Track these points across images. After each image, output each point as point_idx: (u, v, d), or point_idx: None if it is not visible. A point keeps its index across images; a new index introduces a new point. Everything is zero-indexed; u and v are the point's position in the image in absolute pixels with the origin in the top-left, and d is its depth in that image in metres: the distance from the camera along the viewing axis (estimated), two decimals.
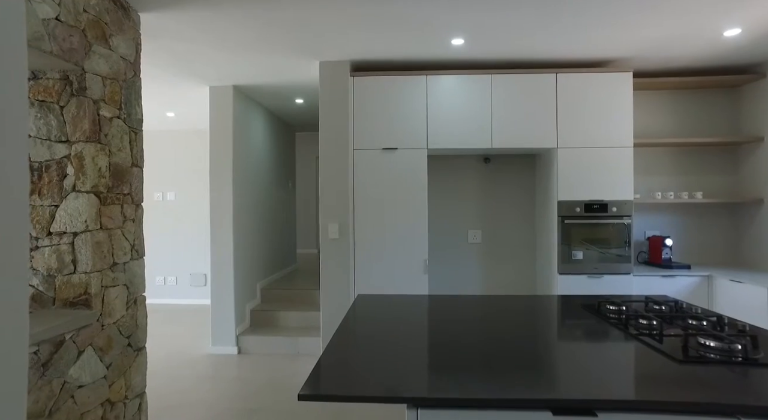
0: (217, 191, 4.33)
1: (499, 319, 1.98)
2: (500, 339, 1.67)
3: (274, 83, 4.23)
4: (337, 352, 1.56)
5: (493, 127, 3.52)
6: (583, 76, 3.45)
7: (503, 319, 1.98)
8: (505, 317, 2.00)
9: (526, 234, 4.08)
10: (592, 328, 1.80)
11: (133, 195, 2.52)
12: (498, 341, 1.64)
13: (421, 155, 3.55)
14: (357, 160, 3.58)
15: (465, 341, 1.65)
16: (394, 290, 3.55)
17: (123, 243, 2.42)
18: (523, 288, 4.07)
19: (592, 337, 1.68)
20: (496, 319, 1.97)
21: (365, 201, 3.58)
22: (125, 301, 2.42)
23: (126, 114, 2.44)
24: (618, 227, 3.43)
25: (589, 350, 1.54)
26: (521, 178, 4.09)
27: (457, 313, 2.09)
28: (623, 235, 3.42)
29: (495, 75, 3.51)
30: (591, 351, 1.53)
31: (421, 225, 3.55)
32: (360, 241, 3.58)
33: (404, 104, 3.55)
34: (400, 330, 1.82)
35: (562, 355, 1.48)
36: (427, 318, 2.02)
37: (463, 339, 1.68)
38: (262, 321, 4.65)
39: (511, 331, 1.78)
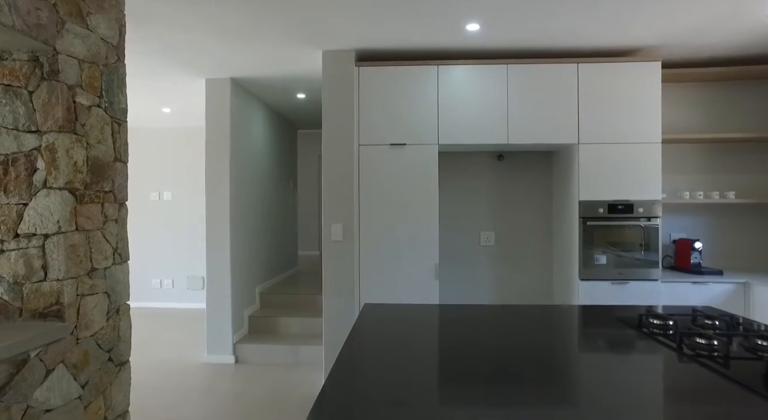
0: (214, 190, 4.08)
1: (522, 334, 1.72)
2: (527, 359, 1.41)
3: (274, 75, 3.98)
4: (342, 374, 1.31)
5: (510, 121, 3.27)
6: (607, 66, 3.19)
7: (528, 334, 1.72)
8: (531, 332, 1.75)
9: (543, 236, 3.82)
10: (638, 348, 1.54)
11: (115, 193, 2.28)
12: (525, 362, 1.39)
13: (431, 151, 3.30)
14: (362, 157, 3.33)
15: (484, 362, 1.39)
16: (402, 297, 3.30)
17: (103, 246, 2.17)
18: (540, 294, 3.81)
19: (640, 360, 1.42)
20: (520, 335, 1.71)
21: (371, 201, 3.33)
22: (105, 310, 2.17)
23: (107, 102, 2.19)
24: (645, 230, 3.17)
25: (638, 376, 1.28)
26: (537, 177, 3.83)
27: (473, 327, 1.83)
28: (650, 238, 3.16)
29: (512, 65, 3.26)
30: (641, 377, 1.27)
31: (431, 227, 3.30)
32: (365, 244, 3.33)
33: (413, 96, 3.30)
34: (412, 348, 1.56)
35: (605, 382, 1.23)
36: (441, 334, 1.76)
37: (482, 359, 1.42)
38: (261, 328, 4.40)
39: (540, 350, 1.53)
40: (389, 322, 1.96)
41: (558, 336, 1.71)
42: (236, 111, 4.23)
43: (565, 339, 1.68)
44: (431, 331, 1.80)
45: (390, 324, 1.92)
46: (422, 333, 1.77)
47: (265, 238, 5.11)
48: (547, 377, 1.29)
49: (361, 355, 1.50)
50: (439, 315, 2.08)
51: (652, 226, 3.16)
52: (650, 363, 1.40)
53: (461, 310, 2.18)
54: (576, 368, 1.36)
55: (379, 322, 1.95)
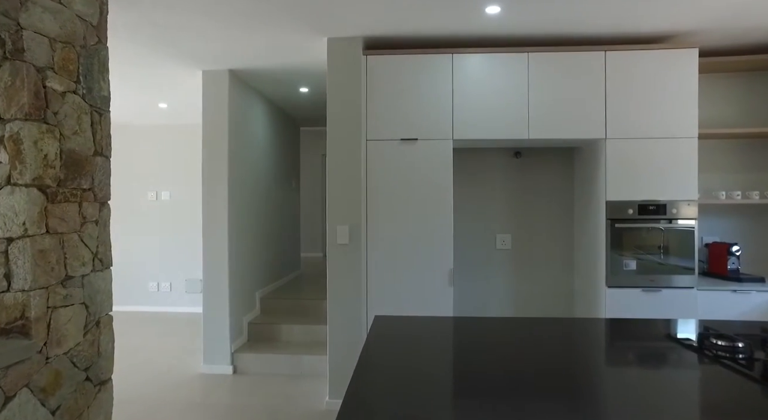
0: (211, 190, 3.84)
1: (559, 356, 1.46)
2: (567, 389, 1.15)
3: (276, 67, 3.73)
4: (357, 401, 1.05)
5: (531, 114, 3.00)
6: (638, 54, 2.93)
7: (566, 355, 1.46)
8: (569, 353, 1.49)
9: (563, 239, 3.56)
10: (709, 377, 1.28)
11: (96, 191, 2.03)
12: (565, 392, 1.13)
13: (445, 147, 3.04)
14: (371, 153, 3.08)
15: (514, 392, 1.13)
16: (413, 305, 3.04)
17: (81, 251, 1.92)
18: (561, 301, 3.54)
19: (716, 392, 1.16)
20: (556, 356, 1.45)
21: (380, 200, 3.07)
22: (83, 324, 1.92)
23: (85, 89, 1.95)
24: (679, 233, 2.90)
25: (720, 417, 1.02)
26: (557, 175, 3.57)
27: (497, 345, 1.57)
28: (685, 241, 2.89)
29: (533, 53, 3.00)
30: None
31: (445, 229, 3.04)
32: (373, 247, 3.07)
33: (426, 87, 3.04)
34: (431, 369, 1.31)
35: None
36: (461, 353, 1.50)
37: (511, 388, 1.16)
38: (262, 335, 4.15)
39: (581, 375, 1.27)
40: (403, 338, 1.70)
41: (603, 358, 1.45)
42: (235, 105, 3.99)
43: (614, 362, 1.42)
44: (449, 351, 1.54)
45: (404, 341, 1.66)
46: (440, 353, 1.52)
47: (266, 240, 4.86)
48: (595, 413, 1.03)
49: (374, 382, 1.24)
50: (459, 330, 1.83)
51: (687, 229, 2.89)
52: (728, 396, 1.14)
53: (482, 324, 1.93)
54: (633, 402, 1.10)
55: (392, 340, 1.69)
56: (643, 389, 1.20)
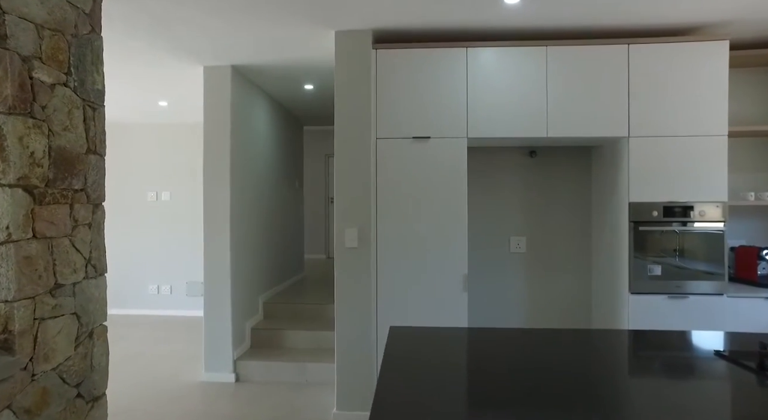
0: (212, 190, 3.69)
1: (596, 374, 1.31)
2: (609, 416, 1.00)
3: (280, 63, 3.58)
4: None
5: (549, 111, 2.85)
6: (663, 48, 2.77)
7: (598, 373, 1.31)
8: (601, 370, 1.33)
9: (580, 242, 3.40)
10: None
11: (89, 191, 1.88)
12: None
13: (459, 146, 2.89)
14: (381, 152, 2.93)
15: (539, 414, 0.98)
16: (425, 311, 2.89)
17: (72, 256, 1.77)
18: (578, 308, 3.38)
19: None
20: (594, 375, 1.29)
21: (390, 202, 2.92)
22: (74, 336, 1.77)
23: (77, 81, 1.80)
24: (707, 236, 2.74)
25: None
26: (574, 175, 3.41)
27: (522, 358, 1.42)
28: (713, 245, 2.74)
29: (552, 47, 2.84)
30: None
31: (459, 232, 2.89)
32: (383, 251, 2.92)
33: (439, 83, 2.89)
34: (454, 382, 1.15)
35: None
36: (484, 364, 1.35)
37: (536, 408, 1.01)
38: (265, 341, 4.00)
39: (624, 402, 1.11)
40: (422, 351, 1.55)
41: (645, 375, 1.30)
42: (238, 103, 3.84)
43: (658, 385, 1.26)
44: (472, 364, 1.39)
45: (423, 353, 1.51)
46: (462, 367, 1.36)
47: (269, 242, 4.71)
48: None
49: (398, 396, 1.09)
50: (479, 342, 1.67)
51: (716, 232, 2.73)
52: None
53: (504, 335, 1.77)
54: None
55: (412, 352, 1.54)
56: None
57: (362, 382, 2.92)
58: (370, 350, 2.92)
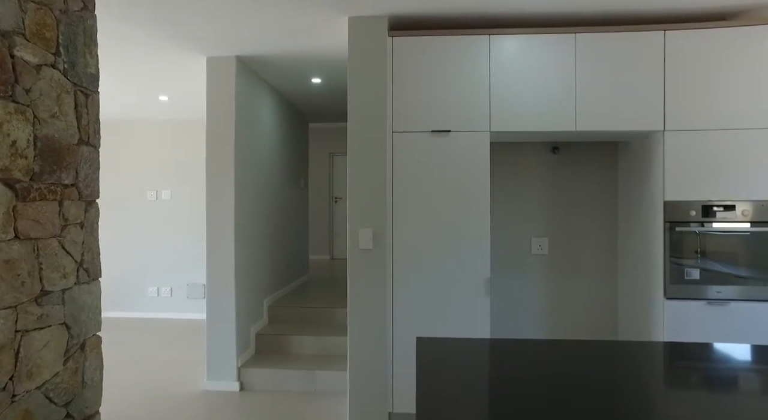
0: (215, 189, 3.49)
1: (639, 390, 1.11)
2: None
3: (288, 53, 3.39)
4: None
5: (578, 103, 2.66)
6: (703, 34, 2.58)
7: (646, 391, 1.11)
8: (650, 388, 1.13)
9: (606, 243, 3.21)
10: None
11: (81, 187, 1.69)
12: None
13: (481, 140, 2.70)
14: (397, 147, 2.73)
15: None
16: (445, 317, 2.70)
17: (61, 260, 1.58)
18: (604, 312, 3.19)
19: None
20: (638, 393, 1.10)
21: (408, 200, 2.73)
22: (63, 349, 1.57)
23: (68, 63, 1.60)
24: (752, 237, 2.54)
25: None
26: (599, 172, 3.22)
27: (565, 373, 1.22)
28: (759, 247, 2.54)
29: (581, 34, 2.65)
30: None
31: (481, 232, 2.70)
32: (400, 253, 2.73)
33: (460, 73, 2.70)
34: (495, 400, 0.96)
35: None
36: (521, 378, 1.15)
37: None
38: (270, 348, 3.80)
39: None
40: (457, 364, 1.35)
41: (685, 391, 1.10)
42: (242, 97, 3.64)
43: (698, 400, 1.06)
44: (509, 378, 1.19)
45: (458, 367, 1.31)
46: (499, 381, 1.17)
47: (274, 243, 4.52)
48: None
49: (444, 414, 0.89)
50: (514, 353, 1.48)
51: (761, 233, 2.53)
52: None
53: (540, 347, 1.58)
54: None
55: (446, 365, 1.34)
56: None
57: (377, 393, 2.72)
58: (385, 359, 2.72)
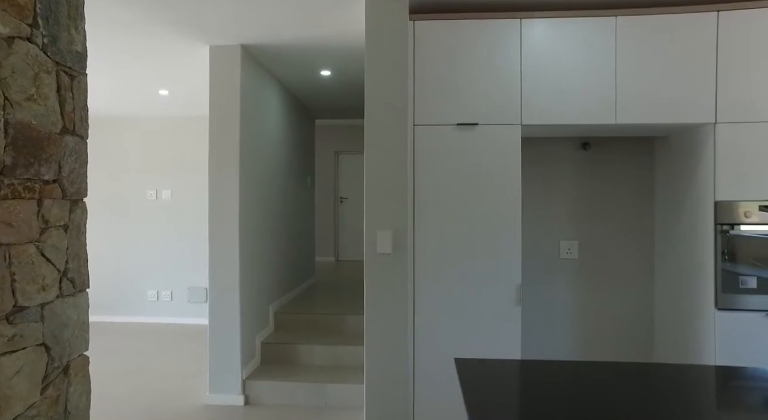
0: (219, 188, 3.25)
1: None
2: None
3: (297, 41, 3.15)
4: None
5: (619, 93, 2.41)
6: (763, 14, 2.33)
7: None
8: None
9: (642, 247, 2.96)
10: None
11: (65, 183, 1.45)
12: None
13: (511, 134, 2.45)
14: (419, 141, 2.49)
15: None
16: (472, 327, 2.45)
17: (40, 269, 1.34)
18: (641, 323, 2.94)
19: None
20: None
21: (431, 200, 2.48)
22: (40, 375, 1.33)
23: (48, 38, 1.36)
24: None
25: None
26: (634, 170, 2.98)
27: (627, 401, 0.98)
28: None
29: (622, 17, 2.40)
30: None
31: (511, 235, 2.45)
32: (422, 257, 2.49)
33: (488, 60, 2.46)
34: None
35: None
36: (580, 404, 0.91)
37: None
38: (277, 357, 3.56)
39: None
40: (502, 388, 1.11)
41: None
42: (248, 89, 3.40)
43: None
44: (571, 403, 0.95)
45: (504, 391, 1.07)
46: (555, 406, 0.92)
47: (280, 244, 4.27)
48: None
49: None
50: (566, 376, 1.23)
51: None
52: None
53: (593, 370, 1.34)
54: None
55: (493, 390, 1.10)
56: None
57: (396, 411, 2.48)
58: (405, 374, 2.47)
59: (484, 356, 2.46)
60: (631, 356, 2.96)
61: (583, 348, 2.98)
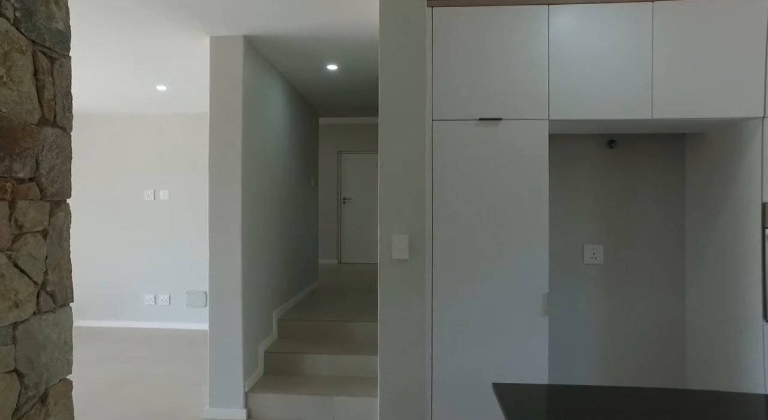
0: (220, 188, 3.05)
1: None
2: None
3: (304, 32, 2.95)
4: None
5: (655, 86, 2.22)
6: None
7: None
8: None
9: (672, 252, 2.77)
10: None
11: (43, 183, 1.25)
12: None
13: (538, 130, 2.26)
14: (438, 138, 2.29)
15: None
16: (495, 340, 2.26)
17: (12, 282, 1.14)
18: (673, 336, 2.74)
19: None
20: None
21: (450, 201, 2.29)
22: (10, 407, 1.13)
23: (21, 12, 1.17)
24: None
25: None
26: (663, 169, 2.78)
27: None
28: None
29: (660, 2, 2.21)
30: None
31: (538, 239, 2.26)
32: (441, 263, 2.29)
33: (513, 50, 2.26)
34: None
35: None
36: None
37: None
38: (281, 368, 3.36)
39: None
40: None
41: None
42: (251, 84, 3.20)
43: None
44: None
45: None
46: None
47: (284, 247, 4.08)
48: None
49: None
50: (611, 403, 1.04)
51: None
52: None
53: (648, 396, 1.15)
54: None
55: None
56: None
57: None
58: (422, 390, 2.28)
59: (509, 372, 2.27)
60: (661, 371, 2.76)
61: (609, 361, 2.78)
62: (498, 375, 2.28)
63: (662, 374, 2.77)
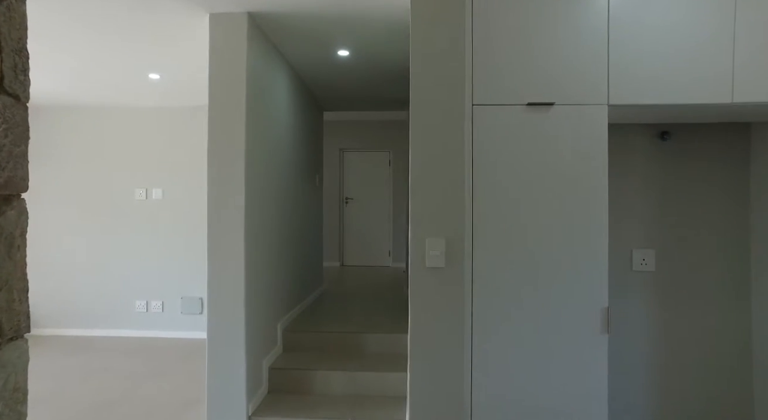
0: (219, 186, 2.71)
1: None
2: None
3: (315, 8, 2.61)
4: None
5: (737, 64, 1.89)
6: None
7: None
8: None
9: (734, 259, 2.45)
10: None
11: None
12: None
13: (596, 116, 1.93)
14: (479, 125, 1.96)
15: None
16: (546, 361, 1.93)
17: None
18: (736, 351, 2.42)
19: None
20: None
21: (494, 199, 1.96)
22: None
23: None
24: None
25: None
26: (725, 164, 2.46)
27: None
28: None
29: None
30: None
31: (597, 245, 1.93)
32: (482, 272, 1.95)
33: (566, 24, 1.93)
34: None
35: None
36: None
37: None
38: (288, 386, 3.02)
39: None
40: None
41: None
42: (254, 69, 2.86)
43: None
44: None
45: None
46: None
47: (288, 251, 3.73)
48: None
49: None
50: None
51: None
52: None
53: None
54: None
55: None
56: None
57: None
58: (459, 415, 1.94)
59: (562, 396, 1.94)
60: (725, 396, 2.44)
61: (665, 378, 2.46)
62: (549, 402, 1.95)
63: (727, 399, 2.44)
